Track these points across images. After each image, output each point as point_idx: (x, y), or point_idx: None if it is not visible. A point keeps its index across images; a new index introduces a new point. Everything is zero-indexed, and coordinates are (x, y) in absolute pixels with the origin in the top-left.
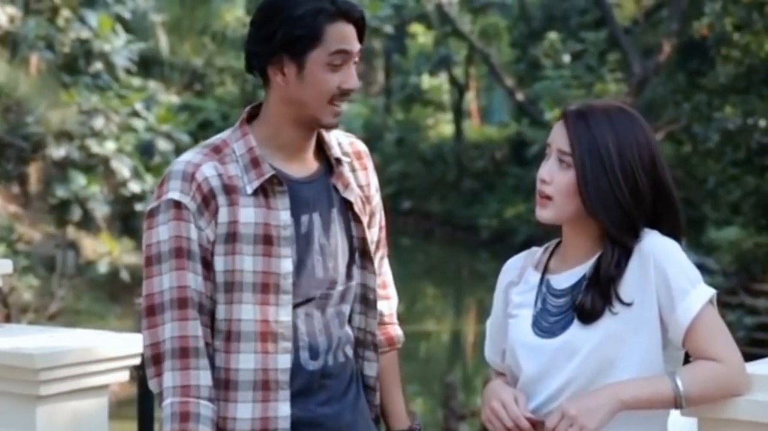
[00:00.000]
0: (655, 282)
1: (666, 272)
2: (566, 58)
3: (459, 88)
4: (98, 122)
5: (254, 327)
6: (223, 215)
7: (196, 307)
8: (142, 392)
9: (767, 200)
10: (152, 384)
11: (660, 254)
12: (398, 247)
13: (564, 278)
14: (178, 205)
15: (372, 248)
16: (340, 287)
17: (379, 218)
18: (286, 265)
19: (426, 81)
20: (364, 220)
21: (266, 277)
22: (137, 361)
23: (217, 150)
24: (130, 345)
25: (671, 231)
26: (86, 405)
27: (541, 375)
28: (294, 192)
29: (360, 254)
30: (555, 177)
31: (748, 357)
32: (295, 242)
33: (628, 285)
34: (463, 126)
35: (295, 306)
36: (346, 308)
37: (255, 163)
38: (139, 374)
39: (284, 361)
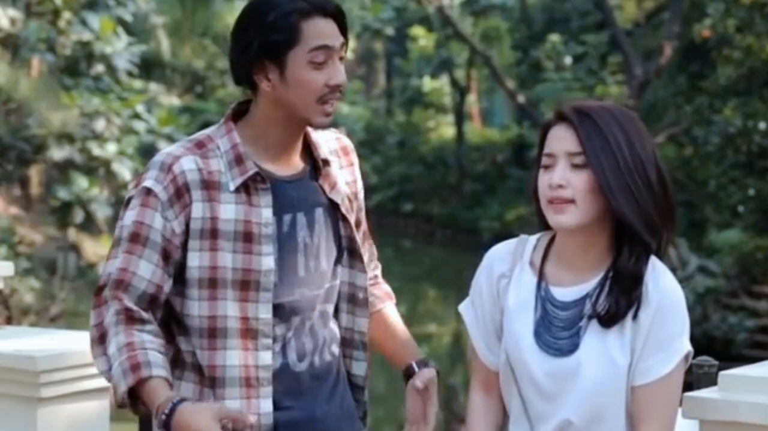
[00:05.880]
0: (652, 320)
1: (665, 319)
2: (567, 60)
3: (460, 91)
4: (99, 125)
5: (235, 323)
6: (198, 210)
7: (131, 291)
8: None
9: None
10: (99, 363)
11: (666, 300)
12: (400, 249)
13: (568, 292)
14: (148, 192)
15: (360, 244)
16: (326, 285)
17: (363, 209)
18: (268, 262)
19: (427, 84)
20: (352, 219)
21: (246, 274)
22: None
23: (200, 145)
24: None
25: (668, 227)
26: (87, 408)
27: (547, 394)
28: (278, 191)
29: (348, 253)
30: (571, 180)
31: (749, 360)
32: (277, 240)
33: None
34: (464, 129)
35: (286, 311)
36: (329, 308)
37: (239, 160)
38: None
39: (265, 358)
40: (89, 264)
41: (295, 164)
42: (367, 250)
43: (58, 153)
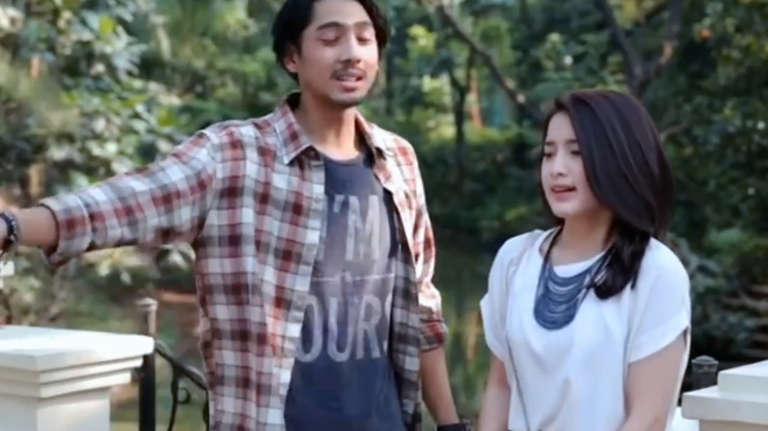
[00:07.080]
0: (649, 294)
1: (662, 294)
2: (568, 60)
3: (460, 91)
4: (99, 124)
5: (271, 290)
6: (253, 170)
7: (154, 174)
8: (143, 394)
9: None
10: None
11: (664, 274)
12: None
13: (569, 269)
14: (201, 135)
15: (420, 246)
16: (376, 276)
17: (426, 218)
18: (312, 237)
19: (427, 83)
20: (405, 213)
21: (290, 245)
22: (138, 363)
23: (258, 125)
24: (131, 346)
25: (666, 210)
26: (87, 407)
27: (545, 369)
28: (330, 171)
29: (402, 246)
30: (571, 167)
31: (749, 360)
32: (327, 218)
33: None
34: (464, 128)
35: (325, 291)
36: (377, 301)
37: (293, 136)
38: (140, 376)
39: (293, 330)
40: (89, 264)
41: (347, 150)
42: (428, 255)
43: (58, 153)
